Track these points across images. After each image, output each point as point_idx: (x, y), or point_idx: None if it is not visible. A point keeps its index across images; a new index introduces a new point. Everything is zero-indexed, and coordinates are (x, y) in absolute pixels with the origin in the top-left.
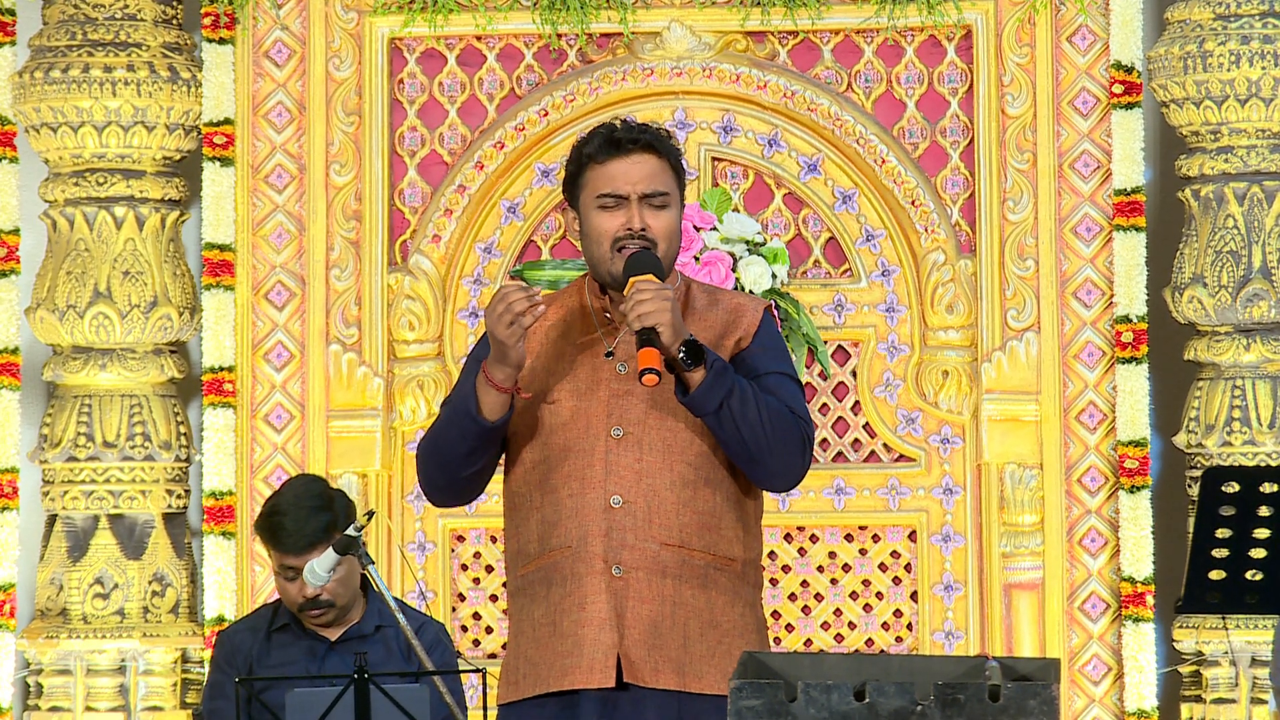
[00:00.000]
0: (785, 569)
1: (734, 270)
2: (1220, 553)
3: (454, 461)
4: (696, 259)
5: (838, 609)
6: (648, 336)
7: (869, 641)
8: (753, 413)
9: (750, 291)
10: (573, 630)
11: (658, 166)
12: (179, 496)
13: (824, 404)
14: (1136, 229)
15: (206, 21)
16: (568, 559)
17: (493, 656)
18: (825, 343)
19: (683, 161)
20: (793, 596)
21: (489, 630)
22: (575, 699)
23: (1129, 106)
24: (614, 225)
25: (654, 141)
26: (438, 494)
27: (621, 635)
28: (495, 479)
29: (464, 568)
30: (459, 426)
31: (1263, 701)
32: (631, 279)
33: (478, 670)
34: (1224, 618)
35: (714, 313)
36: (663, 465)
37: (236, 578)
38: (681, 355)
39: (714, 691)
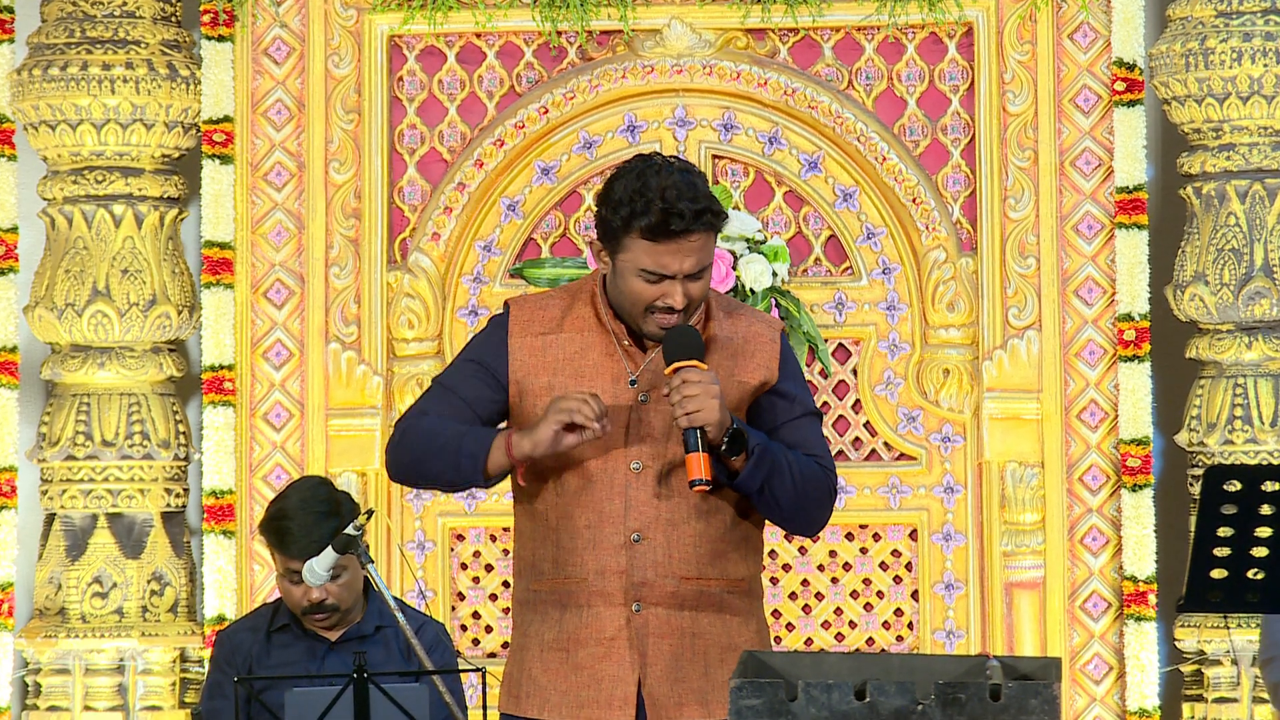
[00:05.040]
0: (786, 568)
1: (734, 268)
2: (1222, 551)
3: (432, 479)
4: None
5: (838, 608)
6: (696, 438)
7: (870, 640)
8: (789, 486)
9: (750, 290)
10: (589, 664)
11: (707, 242)
12: (177, 495)
13: (824, 402)
14: (1138, 227)
15: (205, 19)
16: (584, 590)
17: (492, 656)
18: (826, 341)
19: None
20: (793, 595)
21: (488, 629)
22: None
23: (1131, 104)
24: (652, 294)
25: (710, 223)
26: (402, 480)
27: (644, 674)
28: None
29: (463, 567)
30: (453, 463)
31: (1265, 700)
32: (676, 365)
33: (478, 670)
34: (1226, 617)
35: (733, 342)
36: (679, 499)
37: (237, 577)
38: (724, 448)
39: None
